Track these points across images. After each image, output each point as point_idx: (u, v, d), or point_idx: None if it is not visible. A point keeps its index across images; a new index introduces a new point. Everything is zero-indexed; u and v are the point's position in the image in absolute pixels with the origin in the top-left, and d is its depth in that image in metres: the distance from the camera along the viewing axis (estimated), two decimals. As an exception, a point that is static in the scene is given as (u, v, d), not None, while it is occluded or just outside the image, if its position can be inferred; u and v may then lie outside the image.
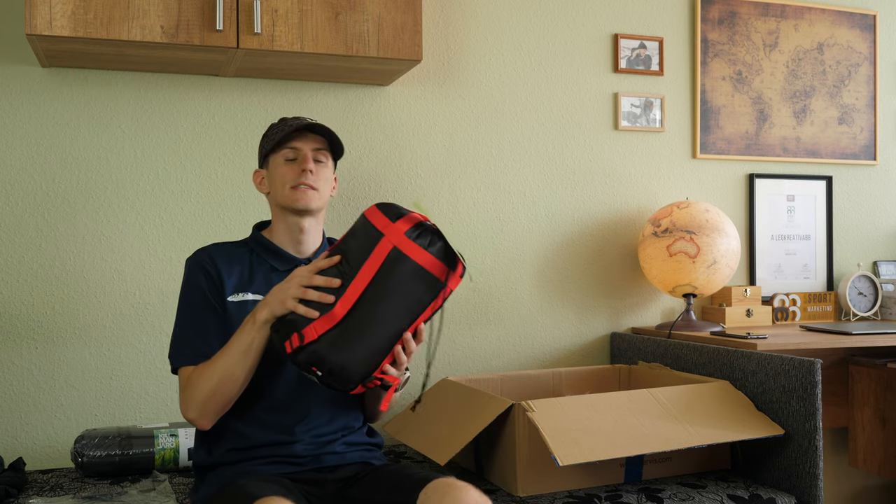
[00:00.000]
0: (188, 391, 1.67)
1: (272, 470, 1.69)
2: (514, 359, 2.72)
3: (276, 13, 2.15)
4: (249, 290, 1.76)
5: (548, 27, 2.77)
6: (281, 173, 1.79)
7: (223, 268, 1.76)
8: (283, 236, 1.82)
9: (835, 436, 3.05)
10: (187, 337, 1.73)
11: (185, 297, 1.77)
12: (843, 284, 3.01)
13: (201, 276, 1.75)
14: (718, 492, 2.01)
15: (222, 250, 1.80)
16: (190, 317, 1.74)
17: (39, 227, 2.29)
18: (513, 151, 2.73)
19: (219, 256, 1.78)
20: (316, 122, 1.81)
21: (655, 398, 2.05)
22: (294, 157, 1.80)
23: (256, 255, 1.81)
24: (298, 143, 1.80)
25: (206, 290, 1.74)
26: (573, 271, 2.80)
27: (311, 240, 1.83)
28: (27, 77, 2.27)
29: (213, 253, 1.79)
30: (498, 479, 2.04)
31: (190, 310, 1.75)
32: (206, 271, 1.75)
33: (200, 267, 1.76)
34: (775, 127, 3.04)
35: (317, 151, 1.81)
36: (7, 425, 2.26)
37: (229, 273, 1.76)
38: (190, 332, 1.73)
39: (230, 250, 1.81)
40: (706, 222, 2.65)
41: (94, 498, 1.88)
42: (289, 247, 1.82)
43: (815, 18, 3.10)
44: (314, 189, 1.78)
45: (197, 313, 1.73)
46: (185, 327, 1.74)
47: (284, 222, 1.81)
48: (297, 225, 1.80)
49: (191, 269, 1.77)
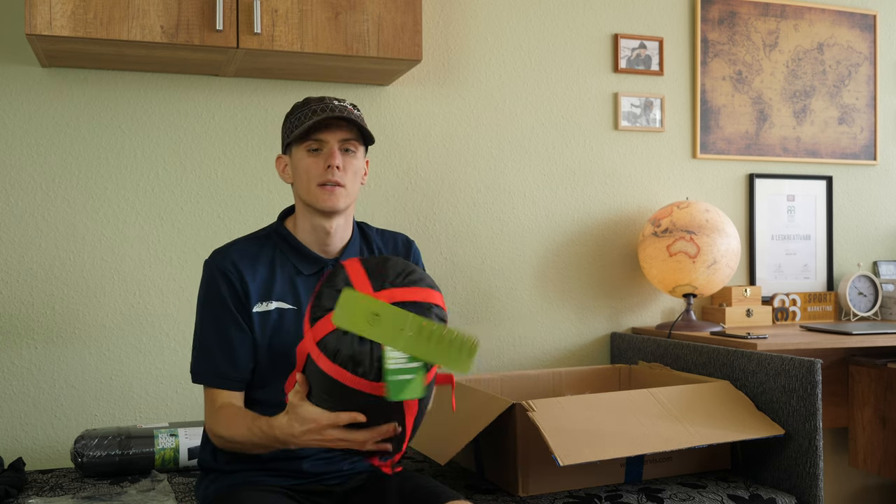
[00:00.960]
0: (214, 425, 1.60)
1: (275, 481, 1.65)
2: (514, 359, 2.72)
3: (276, 13, 2.15)
4: (273, 298, 1.65)
5: (548, 27, 2.77)
6: (305, 167, 1.64)
7: (247, 274, 1.65)
8: (308, 235, 1.69)
9: (835, 436, 3.04)
10: (214, 356, 1.63)
11: (208, 306, 1.65)
12: (843, 284, 3.01)
13: (224, 286, 1.64)
14: (718, 492, 2.01)
15: (244, 253, 1.68)
16: (214, 332, 1.64)
17: (39, 227, 2.28)
18: (513, 151, 2.73)
19: (241, 261, 1.66)
20: (344, 104, 1.66)
21: (655, 398, 2.05)
22: (319, 148, 1.64)
23: (279, 251, 1.69)
24: (324, 133, 1.63)
25: (231, 302, 1.63)
26: (573, 271, 2.80)
27: (337, 240, 1.70)
28: (27, 77, 2.27)
29: (236, 258, 1.66)
30: (498, 479, 2.03)
31: (214, 324, 1.64)
32: (228, 281, 1.64)
33: (223, 275, 1.64)
34: (775, 127, 3.04)
35: (345, 142, 1.65)
36: (7, 425, 2.26)
37: (253, 277, 1.65)
38: (216, 350, 1.63)
39: (252, 250, 1.68)
40: (706, 222, 2.65)
41: (94, 498, 1.88)
42: (314, 245, 1.69)
43: (815, 18, 3.10)
44: (341, 186, 1.64)
45: (222, 329, 1.63)
46: (211, 344, 1.64)
47: (309, 221, 1.68)
48: (323, 227, 1.67)
49: (212, 275, 1.65)
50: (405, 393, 1.25)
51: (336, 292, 1.33)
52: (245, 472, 1.66)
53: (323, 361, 1.32)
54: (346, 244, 1.72)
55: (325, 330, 1.32)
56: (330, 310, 1.31)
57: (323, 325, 1.33)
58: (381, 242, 1.80)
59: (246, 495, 1.55)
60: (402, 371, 1.25)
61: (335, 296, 1.32)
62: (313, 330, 1.34)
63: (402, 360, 1.25)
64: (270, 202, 2.45)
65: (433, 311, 1.36)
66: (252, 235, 1.74)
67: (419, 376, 1.26)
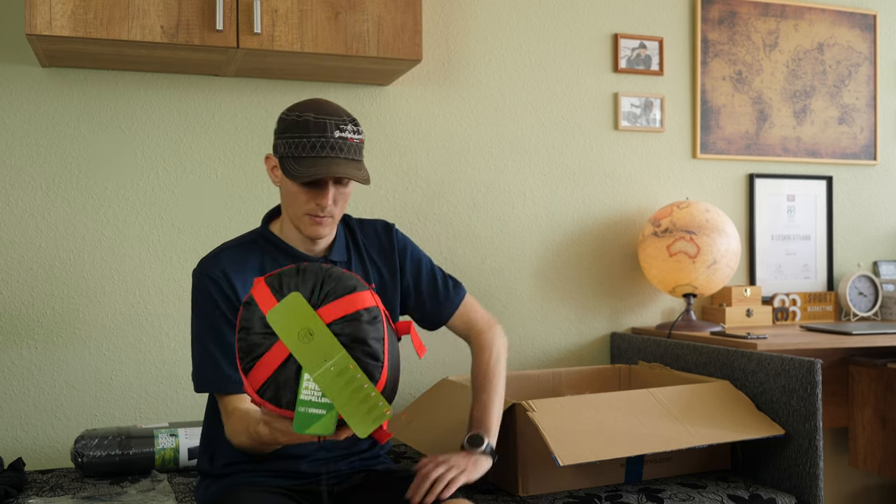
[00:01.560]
0: (229, 433, 1.59)
1: (274, 482, 1.65)
2: (514, 359, 2.72)
3: (276, 13, 2.15)
4: None
5: (548, 27, 2.77)
6: (294, 195, 1.61)
7: (237, 280, 1.63)
8: (295, 237, 1.69)
9: (835, 436, 3.04)
10: (216, 363, 1.61)
11: (202, 314, 1.64)
12: (844, 284, 3.01)
13: (216, 293, 1.62)
14: (718, 492, 2.01)
15: (232, 259, 1.66)
16: (213, 339, 1.62)
17: (39, 227, 2.28)
18: (513, 151, 2.73)
19: (230, 267, 1.64)
20: (344, 142, 1.58)
21: (655, 398, 2.05)
22: (313, 183, 1.60)
23: (268, 255, 1.69)
24: (319, 173, 1.56)
25: (225, 309, 1.62)
26: (573, 271, 2.80)
27: (323, 240, 1.71)
28: (27, 77, 2.27)
29: (224, 264, 1.64)
30: (498, 479, 2.03)
31: (212, 331, 1.62)
32: (219, 287, 1.62)
33: (213, 282, 1.63)
34: (775, 127, 3.04)
35: (339, 180, 1.62)
36: (7, 425, 2.26)
37: (244, 284, 1.64)
38: (218, 356, 1.61)
39: (240, 256, 1.67)
40: (706, 222, 2.65)
41: (94, 498, 1.88)
42: (301, 246, 1.69)
43: (815, 18, 3.10)
44: (331, 217, 1.63)
45: (221, 335, 1.61)
46: (211, 350, 1.61)
47: (295, 229, 1.68)
48: (309, 237, 1.68)
49: (203, 283, 1.64)
50: (312, 428, 1.20)
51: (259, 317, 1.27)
52: (244, 473, 1.66)
53: (266, 405, 1.28)
54: (332, 242, 1.73)
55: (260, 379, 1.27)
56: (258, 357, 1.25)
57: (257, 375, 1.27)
58: (362, 234, 1.80)
59: (245, 496, 1.55)
60: (313, 404, 1.20)
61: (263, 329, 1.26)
62: (249, 379, 1.27)
63: (316, 392, 1.20)
64: (270, 202, 2.45)
65: (362, 317, 1.27)
66: (238, 241, 1.72)
67: (330, 415, 1.19)
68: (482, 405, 1.74)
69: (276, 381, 1.24)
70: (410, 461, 2.26)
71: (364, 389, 1.21)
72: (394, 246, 1.80)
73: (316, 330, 1.23)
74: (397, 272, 1.79)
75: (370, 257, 1.78)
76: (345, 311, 1.26)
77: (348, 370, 1.21)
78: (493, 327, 1.86)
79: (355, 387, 1.21)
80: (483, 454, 1.65)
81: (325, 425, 1.20)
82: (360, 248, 1.78)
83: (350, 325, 1.25)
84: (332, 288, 1.28)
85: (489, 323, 1.87)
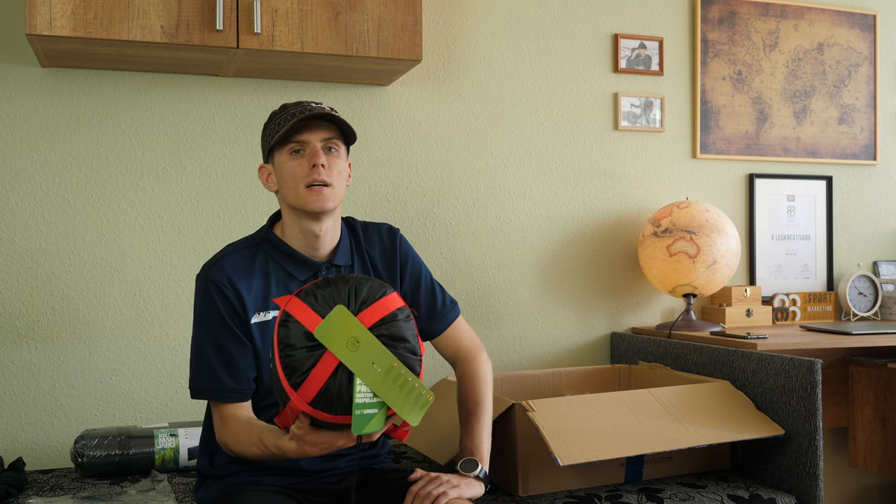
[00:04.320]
0: (224, 438, 1.59)
1: (274, 481, 1.65)
2: (514, 359, 2.72)
3: (276, 13, 2.15)
4: (270, 308, 1.64)
5: (548, 27, 2.77)
6: (290, 170, 1.62)
7: (242, 286, 1.62)
8: (298, 240, 1.67)
9: (835, 436, 3.05)
10: (214, 371, 1.61)
11: (205, 322, 1.63)
12: (843, 284, 3.01)
13: (220, 301, 1.61)
14: (718, 492, 2.01)
15: (237, 264, 1.65)
16: (213, 347, 1.61)
17: (39, 227, 2.29)
18: (513, 151, 2.73)
19: (235, 273, 1.63)
20: (322, 106, 1.64)
21: (656, 398, 2.05)
22: (301, 150, 1.63)
23: (272, 259, 1.67)
24: (305, 134, 1.62)
25: (228, 317, 1.61)
26: (573, 271, 2.80)
27: (327, 242, 1.69)
28: (27, 77, 2.27)
29: (229, 271, 1.63)
30: (498, 479, 2.03)
31: (212, 339, 1.62)
32: (224, 295, 1.61)
33: (218, 290, 1.62)
34: (775, 127, 3.04)
35: (327, 141, 1.63)
36: (7, 425, 2.26)
37: (249, 289, 1.63)
38: (217, 365, 1.61)
39: (245, 262, 1.66)
40: (706, 222, 2.65)
41: (94, 498, 1.88)
42: (304, 250, 1.68)
43: (815, 18, 3.10)
44: (329, 185, 1.62)
45: (221, 345, 1.61)
46: (211, 359, 1.61)
47: (298, 226, 1.66)
48: (312, 231, 1.65)
49: (207, 291, 1.62)
50: (368, 427, 1.28)
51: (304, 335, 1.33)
52: (243, 473, 1.66)
53: (320, 415, 1.33)
54: (336, 245, 1.72)
55: (313, 391, 1.31)
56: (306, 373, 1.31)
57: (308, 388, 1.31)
58: (365, 236, 1.79)
59: (245, 495, 1.56)
60: (367, 405, 1.29)
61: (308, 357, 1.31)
62: (300, 393, 1.31)
63: (369, 394, 1.29)
64: (270, 202, 2.45)
65: (398, 316, 1.37)
66: (242, 244, 1.71)
67: (381, 412, 1.30)
68: (476, 434, 1.73)
69: (329, 391, 1.30)
70: (410, 461, 2.26)
71: (409, 382, 1.31)
72: (396, 252, 1.79)
73: (362, 337, 1.32)
74: (397, 278, 1.79)
75: (371, 260, 1.77)
76: (381, 314, 1.36)
77: (394, 368, 1.31)
78: (481, 354, 1.85)
79: (401, 382, 1.30)
80: (477, 479, 1.64)
81: (377, 422, 1.30)
82: (363, 252, 1.77)
83: (389, 327, 1.35)
84: (367, 295, 1.37)
85: (476, 350, 1.85)
